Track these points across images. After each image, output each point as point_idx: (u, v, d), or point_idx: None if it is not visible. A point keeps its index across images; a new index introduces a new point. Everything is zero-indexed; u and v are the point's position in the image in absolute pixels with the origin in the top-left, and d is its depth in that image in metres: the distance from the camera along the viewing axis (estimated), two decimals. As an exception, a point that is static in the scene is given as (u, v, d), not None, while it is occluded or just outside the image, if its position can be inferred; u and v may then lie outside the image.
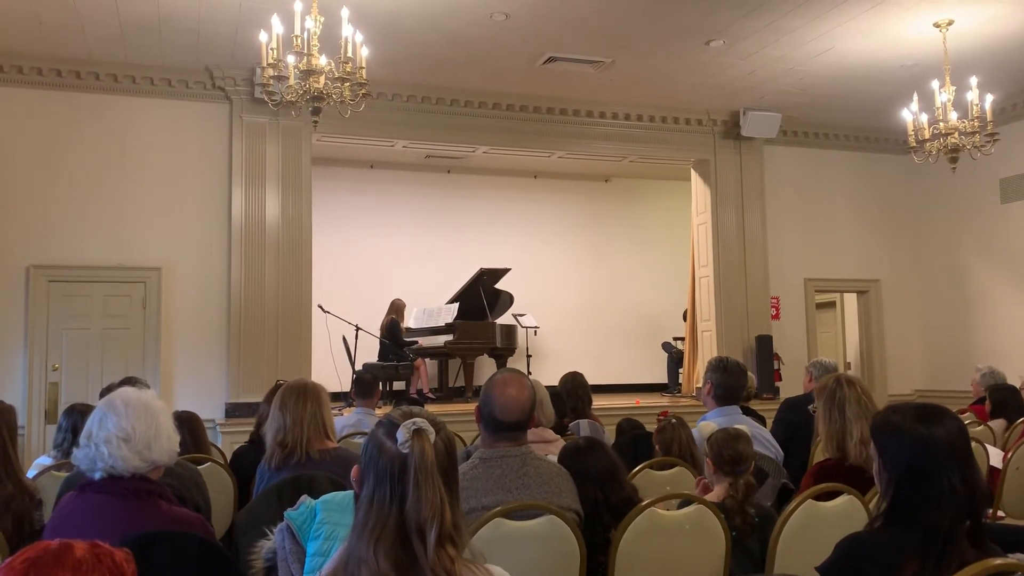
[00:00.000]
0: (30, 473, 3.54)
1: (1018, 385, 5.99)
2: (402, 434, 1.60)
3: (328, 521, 2.11)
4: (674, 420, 3.89)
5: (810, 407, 3.60)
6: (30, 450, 7.26)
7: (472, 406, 2.83)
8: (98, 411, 2.38)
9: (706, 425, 3.82)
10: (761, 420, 4.82)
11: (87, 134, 8.03)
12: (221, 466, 4.09)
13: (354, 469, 1.68)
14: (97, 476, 2.32)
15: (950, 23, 7.28)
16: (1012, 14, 7.21)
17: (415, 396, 9.60)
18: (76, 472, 2.80)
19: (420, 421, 1.63)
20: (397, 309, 10.34)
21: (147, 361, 7.98)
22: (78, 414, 3.76)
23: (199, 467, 3.66)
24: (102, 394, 4.09)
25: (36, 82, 7.89)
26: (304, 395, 3.27)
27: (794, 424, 4.65)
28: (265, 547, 2.20)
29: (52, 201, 7.88)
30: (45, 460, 3.94)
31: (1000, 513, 4.23)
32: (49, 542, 1.24)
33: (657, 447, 3.91)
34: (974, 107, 7.15)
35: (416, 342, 10.24)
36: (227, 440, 7.39)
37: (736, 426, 3.43)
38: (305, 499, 2.21)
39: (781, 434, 4.49)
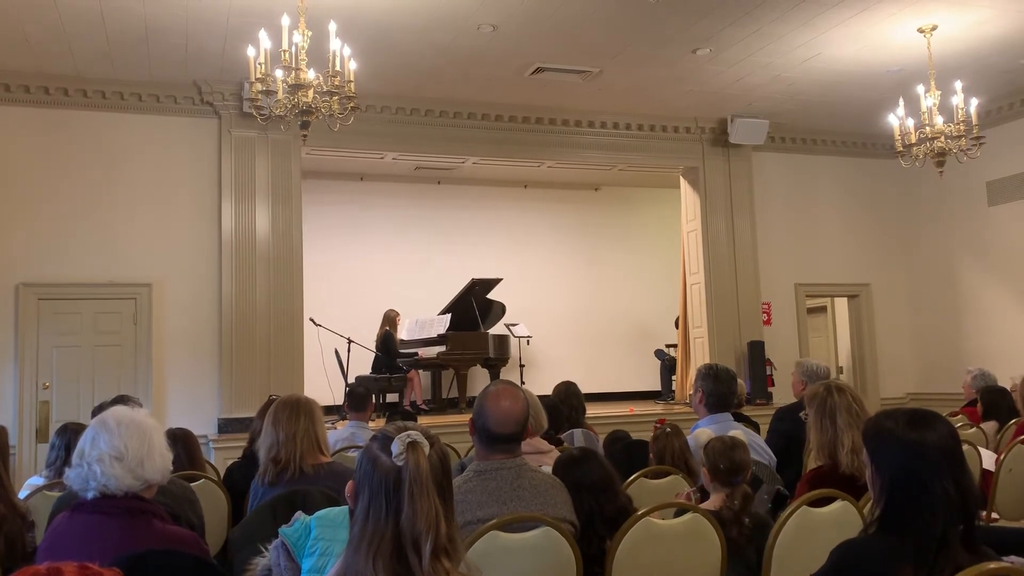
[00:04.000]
0: (22, 494, 3.52)
1: (1009, 387, 6.02)
2: (397, 447, 1.61)
3: (323, 537, 2.11)
4: (668, 429, 3.89)
5: (801, 414, 3.60)
6: (21, 469, 7.20)
7: (466, 417, 2.83)
8: (90, 430, 2.37)
9: (702, 432, 3.83)
10: (754, 426, 4.84)
11: (75, 151, 8.01)
12: (214, 482, 4.07)
13: (348, 485, 1.68)
14: (90, 495, 2.31)
15: (934, 28, 7.34)
16: (995, 18, 7.27)
17: (408, 408, 9.58)
18: (68, 492, 2.78)
19: (414, 434, 1.64)
20: (390, 320, 10.31)
21: (138, 377, 7.95)
22: (71, 433, 3.73)
23: (192, 484, 3.64)
24: (94, 413, 4.10)
25: (24, 100, 7.88)
26: (297, 410, 3.27)
27: (788, 433, 4.65)
28: (260, 564, 2.19)
29: (41, 218, 7.86)
30: (37, 480, 3.91)
31: (994, 515, 4.25)
32: (38, 567, 1.23)
33: (651, 456, 3.91)
34: (959, 111, 7.20)
35: (416, 353, 10.22)
36: (220, 456, 7.35)
37: (732, 433, 3.44)
38: (300, 515, 2.20)
39: (776, 444, 4.50)
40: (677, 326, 10.91)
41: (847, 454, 3.04)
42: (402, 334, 10.52)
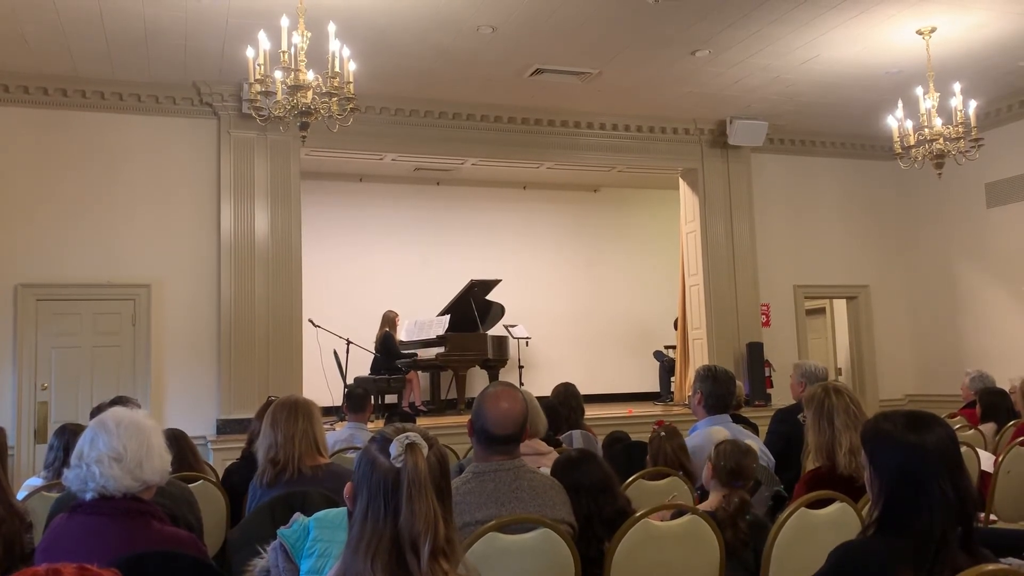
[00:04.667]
0: (20, 494, 3.51)
1: (1008, 388, 6.02)
2: (395, 448, 1.61)
3: (322, 539, 2.11)
4: (663, 433, 3.89)
5: (800, 416, 3.60)
6: (19, 470, 7.20)
7: (464, 419, 2.84)
8: (89, 431, 2.37)
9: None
10: (753, 428, 4.84)
11: (74, 151, 8.01)
12: (213, 484, 4.07)
13: (347, 486, 1.68)
14: (88, 496, 2.31)
15: (933, 30, 7.35)
16: (993, 20, 7.28)
17: (407, 409, 9.57)
18: (67, 493, 2.78)
19: (413, 435, 1.64)
20: (390, 321, 10.31)
21: (137, 378, 7.95)
22: (70, 434, 3.73)
23: (191, 485, 3.64)
24: (92, 414, 4.08)
25: (22, 100, 7.87)
26: (295, 411, 3.27)
27: (787, 435, 4.66)
28: (258, 566, 2.19)
29: (40, 219, 7.86)
30: (36, 481, 3.91)
31: (992, 517, 4.25)
32: (36, 568, 1.23)
33: (648, 458, 3.91)
34: (958, 113, 7.21)
35: (416, 354, 10.22)
36: (218, 457, 7.35)
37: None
38: (298, 516, 2.20)
39: (775, 446, 4.50)
40: (676, 327, 10.91)
41: (845, 455, 3.05)
42: (401, 335, 10.52)
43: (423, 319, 10.60)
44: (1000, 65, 8.32)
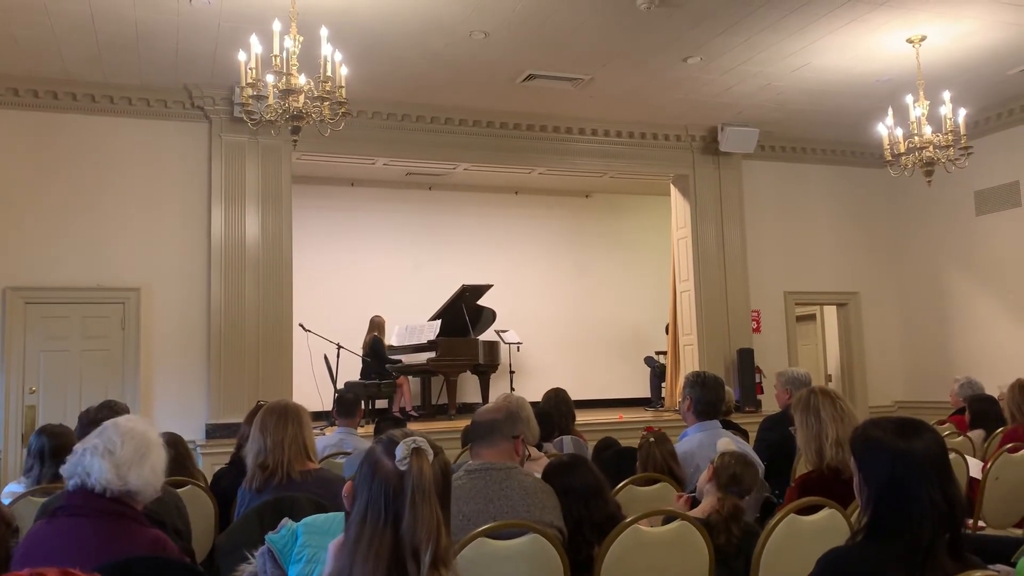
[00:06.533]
0: (4, 500, 3.48)
1: (996, 395, 6.04)
2: (401, 450, 1.58)
3: (310, 544, 2.10)
4: (652, 439, 3.89)
5: (791, 428, 3.61)
6: (7, 474, 7.16)
7: (455, 423, 2.89)
8: (102, 426, 2.43)
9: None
10: (743, 434, 4.84)
11: (65, 154, 7.97)
12: (202, 488, 4.05)
13: (347, 485, 1.66)
14: (71, 484, 2.33)
15: (923, 39, 7.39)
16: (983, 29, 7.33)
17: (398, 414, 9.54)
18: (52, 498, 2.77)
19: (420, 440, 1.62)
20: (378, 326, 10.28)
21: (126, 382, 7.90)
22: (47, 437, 3.70)
23: (180, 490, 3.63)
24: (80, 418, 4.07)
25: (12, 103, 7.84)
26: (284, 416, 3.26)
27: (776, 442, 4.66)
28: (246, 571, 2.18)
29: (29, 222, 7.81)
30: (15, 488, 3.85)
31: (980, 523, 4.26)
32: (20, 572, 1.22)
33: (638, 464, 3.91)
34: (948, 121, 7.25)
35: (400, 360, 10.19)
36: (208, 461, 7.31)
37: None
38: (287, 522, 2.19)
39: (764, 453, 4.50)
40: (667, 333, 10.92)
41: (831, 446, 3.11)
42: (392, 340, 10.50)
43: (414, 324, 10.59)
44: (989, 74, 8.37)
